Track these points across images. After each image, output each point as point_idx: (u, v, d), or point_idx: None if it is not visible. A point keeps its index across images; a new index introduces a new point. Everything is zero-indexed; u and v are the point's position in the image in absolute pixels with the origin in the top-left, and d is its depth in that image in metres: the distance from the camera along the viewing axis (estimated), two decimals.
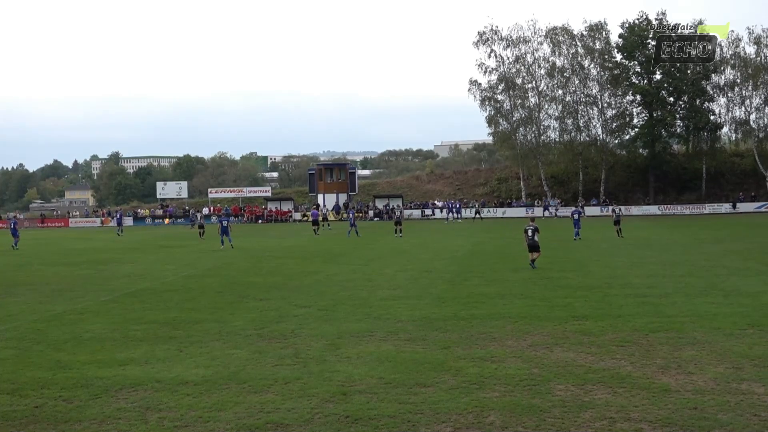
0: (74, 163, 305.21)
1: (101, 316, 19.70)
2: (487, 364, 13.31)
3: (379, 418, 10.45)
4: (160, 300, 22.52)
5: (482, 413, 10.56)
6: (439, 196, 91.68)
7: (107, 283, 27.13)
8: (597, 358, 13.55)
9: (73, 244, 52.04)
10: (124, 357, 14.67)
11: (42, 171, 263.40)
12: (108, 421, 10.69)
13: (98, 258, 38.94)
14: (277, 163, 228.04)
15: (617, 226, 45.68)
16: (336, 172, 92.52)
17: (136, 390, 12.21)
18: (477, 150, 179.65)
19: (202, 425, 10.42)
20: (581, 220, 45.30)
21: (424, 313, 18.74)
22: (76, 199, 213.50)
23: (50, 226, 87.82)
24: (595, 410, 10.57)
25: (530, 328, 16.53)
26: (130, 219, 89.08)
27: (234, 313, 19.53)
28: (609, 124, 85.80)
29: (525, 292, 22.16)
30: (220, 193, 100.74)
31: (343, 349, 14.85)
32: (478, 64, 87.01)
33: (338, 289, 23.92)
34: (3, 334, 17.55)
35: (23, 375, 13.40)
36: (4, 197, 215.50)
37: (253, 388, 12.15)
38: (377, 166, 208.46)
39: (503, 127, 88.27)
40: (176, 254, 40.51)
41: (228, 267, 32.38)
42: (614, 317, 17.57)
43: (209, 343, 15.84)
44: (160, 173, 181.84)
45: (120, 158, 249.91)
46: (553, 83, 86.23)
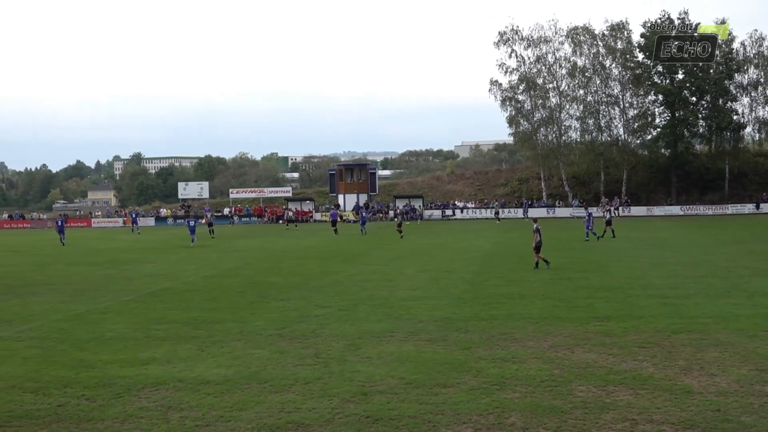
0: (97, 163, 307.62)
1: (123, 316, 19.83)
2: (508, 364, 13.28)
3: (400, 419, 10.45)
4: (181, 300, 22.64)
5: (503, 414, 10.54)
6: (460, 197, 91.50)
7: (129, 283, 27.29)
8: (619, 359, 13.49)
9: (95, 244, 52.41)
10: (146, 356, 14.76)
11: (65, 171, 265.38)
12: (130, 420, 10.76)
13: (120, 258, 39.18)
14: (297, 164, 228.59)
15: (609, 226, 45.49)
16: (356, 172, 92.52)
17: (158, 389, 12.28)
18: (498, 150, 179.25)
19: (224, 425, 10.46)
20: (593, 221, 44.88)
21: (445, 314, 18.72)
22: (99, 200, 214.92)
23: (73, 226, 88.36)
24: (616, 412, 10.52)
25: (551, 328, 16.47)
26: (152, 219, 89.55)
27: (255, 313, 19.59)
28: (631, 124, 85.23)
29: (545, 292, 22.09)
30: (242, 193, 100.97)
31: (363, 349, 14.87)
32: (499, 64, 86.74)
33: (358, 289, 23.94)
34: (27, 333, 17.71)
35: (47, 374, 13.52)
36: (27, 197, 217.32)
37: (274, 387, 12.19)
38: (398, 167, 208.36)
39: (524, 127, 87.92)
40: (197, 254, 40.68)
41: (248, 267, 32.49)
42: (636, 318, 17.48)
43: (230, 342, 15.90)
44: (181, 173, 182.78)
45: (142, 159, 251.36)
46: (574, 83, 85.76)
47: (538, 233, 28.64)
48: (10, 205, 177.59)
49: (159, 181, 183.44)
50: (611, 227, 45.36)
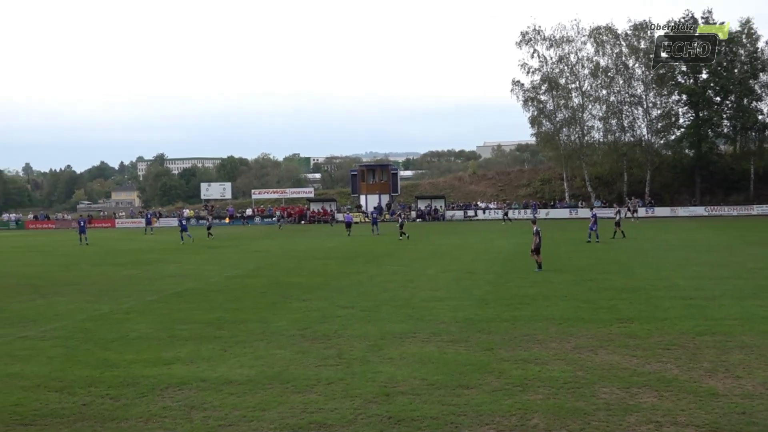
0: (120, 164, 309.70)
1: (147, 316, 19.95)
2: (530, 366, 13.24)
3: (422, 420, 10.44)
4: (204, 300, 22.74)
5: (526, 416, 10.50)
6: (482, 197, 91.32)
7: (152, 284, 27.46)
8: (642, 361, 13.40)
9: (118, 245, 52.76)
10: (170, 356, 14.84)
11: (89, 172, 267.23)
12: (154, 420, 10.83)
13: (143, 258, 39.43)
14: (319, 164, 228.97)
15: (618, 227, 45.47)
16: (378, 172, 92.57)
17: (182, 389, 12.35)
18: (520, 151, 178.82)
19: (246, 424, 10.50)
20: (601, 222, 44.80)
21: (467, 315, 18.69)
22: (123, 200, 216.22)
23: (97, 227, 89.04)
24: (640, 414, 10.45)
25: (574, 330, 16.40)
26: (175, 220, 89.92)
27: (277, 314, 19.65)
28: (654, 124, 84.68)
29: (568, 293, 22.00)
30: (264, 194, 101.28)
31: (385, 350, 14.87)
32: (521, 65, 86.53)
33: (380, 290, 23.95)
34: (52, 332, 17.86)
35: (71, 373, 13.63)
36: (52, 198, 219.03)
37: (296, 388, 12.22)
38: (419, 167, 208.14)
39: (546, 127, 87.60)
40: (219, 255, 40.86)
41: (271, 267, 32.59)
42: (660, 320, 17.37)
43: (253, 343, 15.96)
44: (204, 174, 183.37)
45: (165, 159, 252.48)
46: (597, 83, 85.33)
47: (538, 235, 28.54)
48: (35, 206, 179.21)
49: (182, 182, 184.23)
50: (620, 228, 45.39)
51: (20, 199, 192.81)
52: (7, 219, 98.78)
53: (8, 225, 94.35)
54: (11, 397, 12.16)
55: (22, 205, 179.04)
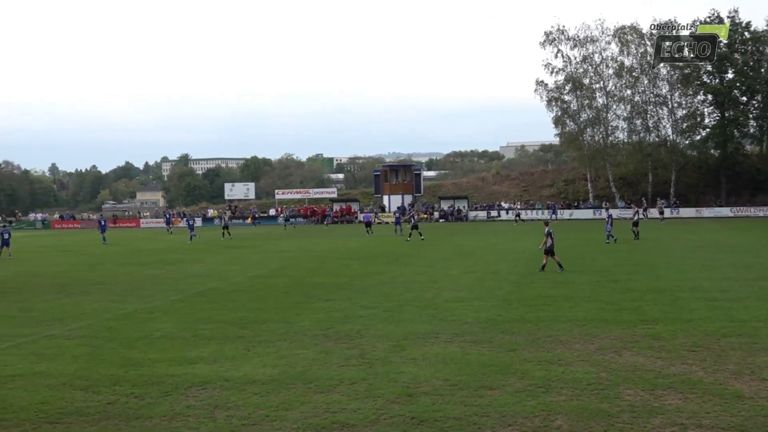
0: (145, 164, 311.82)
1: (171, 315, 20.08)
2: (554, 367, 13.19)
3: (445, 420, 10.43)
4: (228, 300, 22.85)
5: (549, 417, 10.46)
6: (505, 198, 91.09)
7: (176, 283, 27.62)
8: (667, 363, 13.31)
9: (143, 245, 53.13)
10: (194, 355, 14.92)
11: (114, 173, 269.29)
12: (178, 419, 10.89)
13: (167, 258, 39.68)
14: (342, 165, 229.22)
15: (636, 227, 45.24)
16: (401, 173, 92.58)
17: (205, 388, 12.41)
18: (543, 151, 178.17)
19: (269, 424, 10.54)
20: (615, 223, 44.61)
21: (490, 315, 18.64)
22: (147, 200, 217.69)
23: (122, 227, 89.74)
24: (665, 416, 10.39)
25: (598, 331, 16.32)
26: (199, 219, 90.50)
27: (300, 314, 19.70)
28: (679, 124, 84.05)
29: (592, 294, 21.89)
30: (287, 194, 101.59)
31: (408, 350, 14.87)
32: (545, 65, 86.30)
33: (403, 290, 23.95)
34: (77, 331, 18.01)
35: (96, 372, 13.74)
36: (78, 198, 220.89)
37: (319, 388, 12.25)
38: (442, 168, 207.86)
39: (570, 127, 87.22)
40: (242, 255, 41.03)
41: (294, 267, 32.68)
42: (685, 321, 17.24)
43: (276, 342, 16.01)
44: (228, 175, 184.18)
45: (189, 160, 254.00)
46: (621, 83, 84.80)
47: (550, 236, 28.42)
48: (61, 206, 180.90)
49: (206, 182, 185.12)
50: (637, 228, 45.20)
51: (46, 199, 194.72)
52: (34, 219, 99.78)
53: (35, 225, 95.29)
54: (37, 395, 12.28)
55: (48, 205, 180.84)
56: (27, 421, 10.98)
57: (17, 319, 20.21)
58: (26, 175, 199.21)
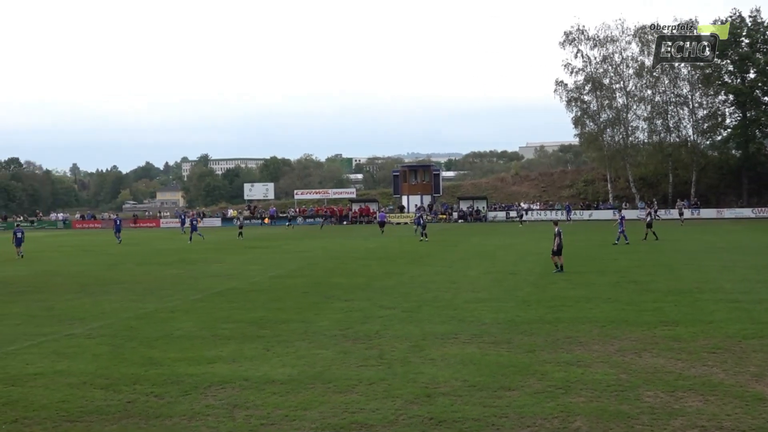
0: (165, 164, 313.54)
1: (191, 315, 20.17)
2: (573, 368, 13.14)
3: (464, 421, 10.42)
4: (247, 300, 22.92)
5: (568, 418, 10.43)
6: (525, 198, 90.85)
7: (196, 283, 27.74)
8: (688, 365, 13.24)
9: (163, 244, 53.39)
10: (213, 355, 14.98)
11: (134, 173, 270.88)
12: (197, 418, 10.94)
13: (187, 258, 39.85)
14: (361, 165, 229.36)
15: (650, 228, 45.03)
16: (420, 173, 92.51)
17: (224, 387, 12.46)
18: (563, 151, 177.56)
19: (288, 423, 10.56)
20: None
21: (509, 316, 18.60)
22: (167, 200, 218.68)
23: (142, 227, 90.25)
24: (685, 418, 10.33)
25: (618, 332, 16.24)
26: (218, 219, 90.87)
27: (319, 314, 19.74)
28: (700, 124, 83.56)
29: (612, 295, 21.79)
30: (306, 194, 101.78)
31: (427, 350, 14.86)
32: (565, 65, 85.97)
33: (422, 290, 23.94)
34: (98, 330, 18.13)
35: (116, 371, 13.82)
36: (98, 198, 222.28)
37: (337, 388, 12.26)
38: (461, 168, 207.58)
39: (590, 128, 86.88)
40: (262, 255, 41.15)
41: (313, 267, 32.74)
42: (705, 323, 17.13)
43: (295, 342, 16.05)
44: (247, 175, 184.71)
45: (209, 160, 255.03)
46: (641, 83, 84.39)
47: (559, 237, 28.31)
48: (82, 206, 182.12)
49: (225, 182, 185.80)
50: (652, 230, 44.99)
51: (67, 199, 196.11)
52: (55, 218, 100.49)
53: (56, 224, 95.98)
54: (58, 393, 12.37)
55: (69, 204, 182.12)
56: (48, 419, 11.06)
57: (39, 318, 20.37)
58: (48, 176, 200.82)
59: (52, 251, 48.42)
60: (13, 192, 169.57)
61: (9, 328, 18.88)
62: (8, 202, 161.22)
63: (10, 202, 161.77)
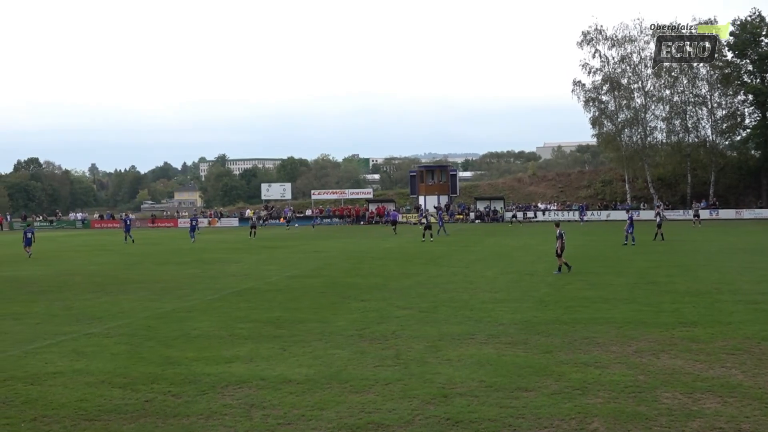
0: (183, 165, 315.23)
1: (208, 314, 20.24)
2: (590, 369, 13.10)
3: (480, 422, 10.41)
4: (264, 299, 22.98)
5: (585, 419, 10.40)
6: (542, 199, 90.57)
7: (214, 282, 27.84)
8: (706, 366, 13.17)
9: (181, 244, 53.57)
10: (230, 354, 15.04)
11: (153, 173, 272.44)
12: (214, 417, 10.98)
13: (205, 258, 39.99)
14: (378, 165, 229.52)
15: (659, 229, 45.00)
16: (437, 173, 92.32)
17: (242, 387, 12.50)
18: (580, 152, 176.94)
19: (305, 423, 10.59)
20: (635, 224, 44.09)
21: (526, 317, 18.56)
22: (185, 200, 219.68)
23: (160, 226, 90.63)
24: (703, 420, 10.27)
25: (635, 333, 16.18)
26: (236, 219, 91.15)
27: (336, 314, 19.76)
28: (719, 124, 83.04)
29: (630, 296, 21.70)
30: (323, 194, 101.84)
31: (444, 351, 14.85)
32: (582, 65, 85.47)
33: (439, 291, 23.92)
34: (116, 330, 18.23)
35: (135, 370, 13.90)
36: (117, 198, 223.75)
37: (354, 388, 12.28)
38: (478, 168, 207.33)
39: (608, 128, 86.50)
40: (279, 255, 41.23)
41: (330, 268, 32.78)
42: (724, 324, 17.03)
43: (312, 342, 16.08)
44: (264, 175, 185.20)
45: (226, 160, 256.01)
46: (660, 83, 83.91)
47: (561, 238, 28.23)
48: (100, 206, 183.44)
49: (243, 183, 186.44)
50: (661, 230, 44.86)
51: (86, 199, 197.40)
52: (74, 218, 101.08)
53: (75, 224, 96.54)
54: (77, 392, 12.45)
55: (88, 204, 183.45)
56: (66, 417, 11.14)
57: (59, 317, 20.51)
58: (67, 176, 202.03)
59: (71, 251, 48.71)
60: (32, 192, 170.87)
61: (29, 327, 19.03)
62: (28, 202, 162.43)
63: (30, 202, 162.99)
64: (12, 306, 22.87)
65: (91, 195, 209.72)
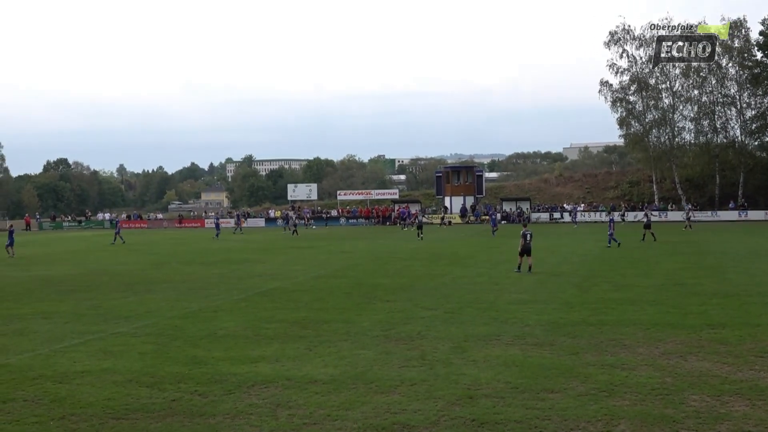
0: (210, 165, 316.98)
1: (234, 314, 20.34)
2: (617, 371, 13.02)
3: (506, 423, 10.38)
4: (290, 300, 23.05)
5: (612, 422, 10.34)
6: (569, 199, 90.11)
7: (240, 283, 27.97)
8: (734, 369, 13.04)
9: (207, 244, 53.86)
10: (256, 354, 15.10)
11: (180, 173, 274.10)
12: (240, 416, 11.03)
13: (231, 258, 40.17)
14: (404, 166, 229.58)
15: (648, 230, 44.97)
16: (463, 174, 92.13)
17: (267, 387, 12.55)
18: (607, 152, 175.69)
19: (330, 423, 10.61)
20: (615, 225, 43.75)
21: (552, 318, 18.48)
22: (212, 200, 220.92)
23: (187, 227, 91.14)
24: (731, 422, 10.18)
25: (663, 335, 16.06)
26: (262, 220, 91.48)
27: (361, 314, 19.78)
28: (748, 125, 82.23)
29: (657, 298, 21.54)
30: (349, 195, 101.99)
31: (469, 352, 14.83)
32: (610, 65, 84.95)
33: (464, 291, 23.88)
34: (143, 329, 18.37)
35: (161, 369, 13.99)
36: (144, 198, 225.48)
37: (379, 388, 12.29)
38: (505, 169, 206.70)
39: (635, 128, 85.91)
40: (305, 255, 41.32)
41: (355, 268, 32.82)
42: (753, 326, 16.86)
43: (337, 342, 16.11)
44: (291, 176, 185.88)
45: (253, 161, 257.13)
46: (688, 83, 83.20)
47: (524, 238, 28.68)
48: (128, 206, 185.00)
49: (269, 183, 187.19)
50: (650, 231, 44.99)
51: (114, 200, 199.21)
52: (102, 218, 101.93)
53: (103, 224, 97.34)
54: (104, 391, 12.56)
55: (115, 205, 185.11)
56: (94, 416, 11.24)
57: (87, 316, 20.69)
58: (95, 176, 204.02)
59: (99, 251, 49.15)
60: (61, 192, 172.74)
61: (57, 326, 19.22)
62: (57, 202, 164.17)
63: (59, 202, 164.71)
64: (41, 305, 23.12)
65: (118, 195, 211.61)
